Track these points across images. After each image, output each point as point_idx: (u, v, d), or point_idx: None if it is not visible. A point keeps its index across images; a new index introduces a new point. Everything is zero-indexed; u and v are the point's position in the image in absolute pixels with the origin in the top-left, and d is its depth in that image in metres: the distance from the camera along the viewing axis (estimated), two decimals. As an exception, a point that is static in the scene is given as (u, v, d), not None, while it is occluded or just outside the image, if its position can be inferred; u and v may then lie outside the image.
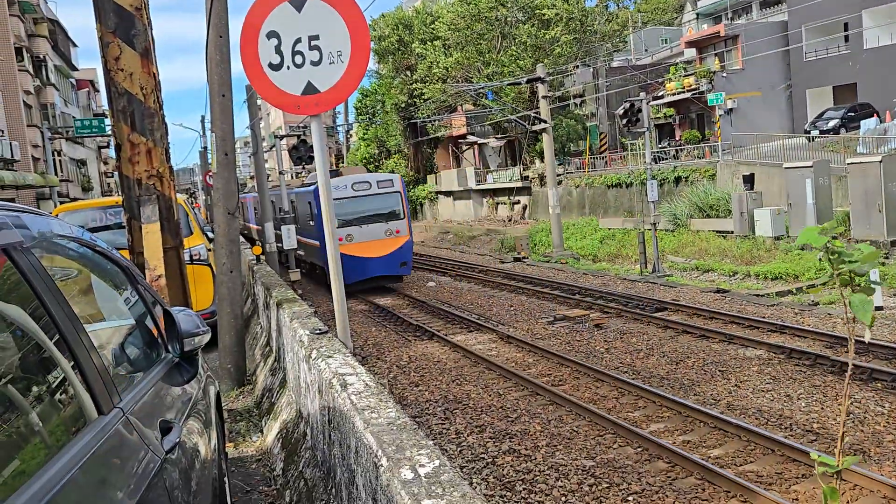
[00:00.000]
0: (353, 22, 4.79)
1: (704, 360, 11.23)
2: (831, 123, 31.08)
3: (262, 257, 16.82)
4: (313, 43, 4.73)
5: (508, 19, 37.46)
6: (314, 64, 4.74)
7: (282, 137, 28.79)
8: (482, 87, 36.50)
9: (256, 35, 4.74)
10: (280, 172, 24.56)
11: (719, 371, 10.66)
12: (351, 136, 69.37)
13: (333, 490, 3.53)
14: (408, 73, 46.18)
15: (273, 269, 15.67)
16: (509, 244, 31.40)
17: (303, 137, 25.11)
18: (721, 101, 32.36)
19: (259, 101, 23.63)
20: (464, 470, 7.95)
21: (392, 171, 52.04)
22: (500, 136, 44.06)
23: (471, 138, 47.13)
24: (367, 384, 3.38)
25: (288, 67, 4.76)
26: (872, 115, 30.04)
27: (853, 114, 31.24)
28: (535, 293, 18.55)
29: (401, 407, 3.09)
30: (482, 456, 8.29)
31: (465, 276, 22.86)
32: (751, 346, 11.72)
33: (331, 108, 5.11)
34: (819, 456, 2.12)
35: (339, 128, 72.43)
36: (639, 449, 8.06)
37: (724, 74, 37.12)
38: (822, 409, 8.81)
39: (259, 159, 21.09)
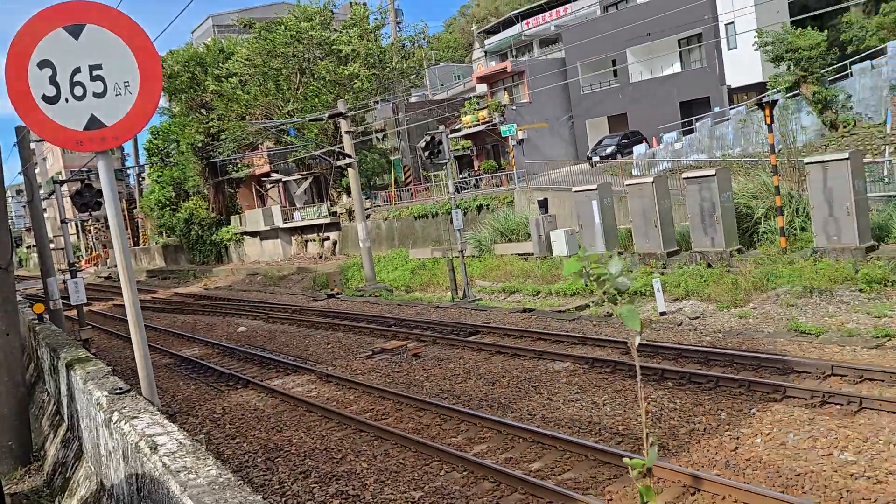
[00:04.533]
0: (139, 49, 4.45)
1: (518, 378, 11.73)
2: (609, 150, 34.28)
3: (46, 316, 15.11)
4: (95, 73, 4.33)
5: (306, 56, 37.36)
6: (98, 96, 4.34)
7: (62, 183, 26.28)
8: (283, 124, 35.94)
9: (26, 65, 4.25)
10: (62, 221, 22.36)
11: (532, 386, 11.18)
12: (143, 179, 65.07)
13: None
14: (203, 111, 44.30)
15: (60, 327, 14.14)
16: (322, 281, 30.97)
17: (87, 181, 23.07)
18: (513, 133, 34.49)
19: (33, 144, 21.37)
20: (291, 520, 7.60)
21: (191, 214, 49.46)
22: (305, 172, 43.55)
23: (275, 176, 46.11)
24: (180, 443, 3.10)
25: (66, 100, 4.31)
26: (642, 142, 33.59)
27: (626, 140, 34.73)
28: (351, 329, 18.39)
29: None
30: (308, 503, 7.98)
31: (279, 318, 22.15)
32: (558, 359, 12.43)
33: (120, 143, 4.71)
34: (630, 459, 2.25)
35: (129, 171, 67.68)
36: (465, 472, 8.19)
37: (514, 107, 39.68)
38: (625, 411, 9.53)
39: (36, 208, 19.05)
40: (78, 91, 4.32)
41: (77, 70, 4.32)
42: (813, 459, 7.33)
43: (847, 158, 14.87)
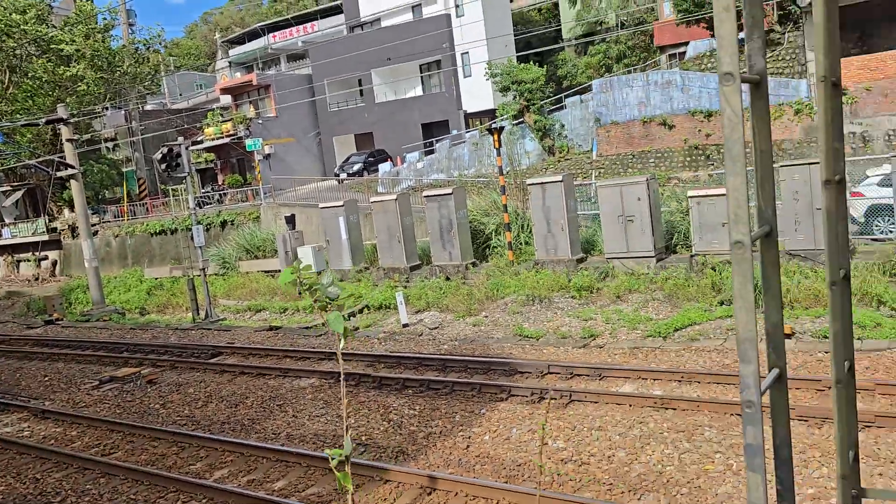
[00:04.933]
0: None
1: (263, 397, 11.49)
2: (356, 167, 35.05)
3: None
4: None
5: (17, 52, 33.16)
6: None
7: None
8: (-11, 128, 31.48)
9: None
10: None
11: (277, 405, 11.02)
12: None
13: None
14: None
15: None
16: (39, 306, 27.53)
17: None
18: (259, 147, 33.77)
19: None
20: (-5, 578, 6.68)
21: None
22: (16, 183, 38.48)
23: (-22, 187, 40.12)
24: None
25: None
26: (387, 160, 34.83)
27: (372, 158, 35.79)
28: (75, 357, 16.61)
29: None
30: (19, 555, 7.08)
31: (-17, 349, 19.27)
32: (304, 375, 12.40)
33: None
34: (331, 450, 2.41)
35: None
36: (204, 500, 7.83)
37: (260, 121, 38.89)
38: (369, 422, 9.79)
39: None
40: None
41: None
42: (532, 450, 8.16)
43: (561, 181, 16.81)
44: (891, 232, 14.82)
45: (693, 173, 23.99)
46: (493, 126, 19.35)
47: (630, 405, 9.04)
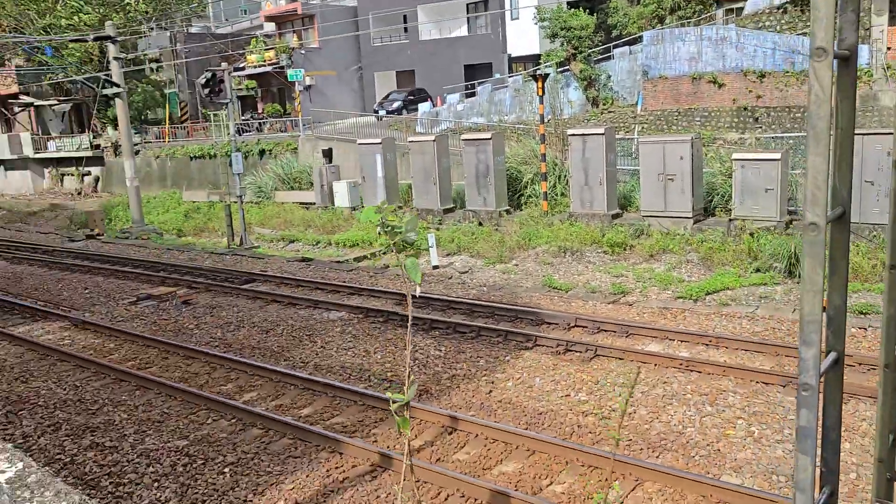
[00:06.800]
0: None
1: (293, 327, 11.76)
2: (395, 105, 34.77)
3: None
4: None
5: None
6: None
7: None
8: (39, 41, 31.72)
9: None
10: None
11: (307, 335, 11.28)
12: None
13: None
14: (-68, 13, 37.61)
15: None
16: (81, 220, 28.23)
17: None
18: (300, 78, 33.62)
19: None
20: (36, 476, 7.06)
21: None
22: (63, 98, 38.95)
23: (25, 99, 40.67)
24: None
25: None
26: (427, 100, 34.48)
27: (412, 97, 35.42)
28: (114, 273, 17.09)
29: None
30: (58, 457, 7.47)
31: (26, 259, 19.90)
32: (334, 308, 12.63)
33: None
34: (392, 394, 2.48)
35: None
36: (233, 420, 8.13)
37: (303, 52, 38.58)
38: (395, 359, 10.00)
39: None
40: None
41: None
42: (554, 400, 8.29)
43: (602, 134, 16.55)
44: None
45: (740, 135, 23.41)
46: (538, 73, 18.99)
47: (655, 364, 9.09)
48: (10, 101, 42.43)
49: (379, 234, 2.57)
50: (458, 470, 6.72)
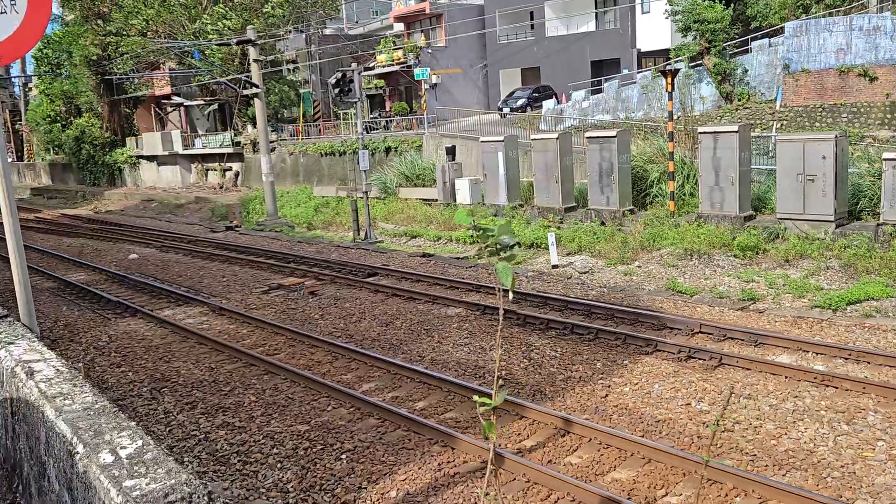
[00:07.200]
0: (26, -34, 4.21)
1: (412, 321, 12.03)
2: (519, 102, 34.69)
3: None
4: (-23, -14, 4.08)
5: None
6: (-20, 11, 4.09)
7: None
8: (188, 46, 34.16)
9: None
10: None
11: (424, 330, 11.51)
12: (30, 89, 60.49)
13: (20, 487, 3.21)
14: (100, 22, 41.36)
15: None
16: (221, 213, 30.17)
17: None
18: (426, 76, 34.26)
19: None
20: (174, 449, 7.64)
21: (83, 132, 46.55)
22: (208, 98, 41.74)
23: (176, 99, 43.96)
24: (58, 370, 3.12)
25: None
26: (552, 97, 34.15)
27: (537, 94, 35.21)
28: (249, 262, 18.15)
29: (99, 391, 2.92)
30: (194, 433, 8.04)
31: (173, 248, 21.54)
32: (452, 304, 12.80)
33: (4, 63, 4.47)
34: (478, 398, 2.50)
35: (14, 80, 62.65)
36: (351, 409, 8.44)
37: (430, 50, 39.29)
38: (510, 357, 10.01)
39: None
40: (-41, 4, 4.06)
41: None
42: (673, 408, 8.01)
43: (736, 131, 15.75)
44: None
45: (893, 133, 21.55)
46: (667, 68, 18.33)
47: (786, 377, 8.57)
48: (163, 101, 45.98)
49: (472, 237, 2.59)
50: (569, 473, 6.64)
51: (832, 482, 6.28)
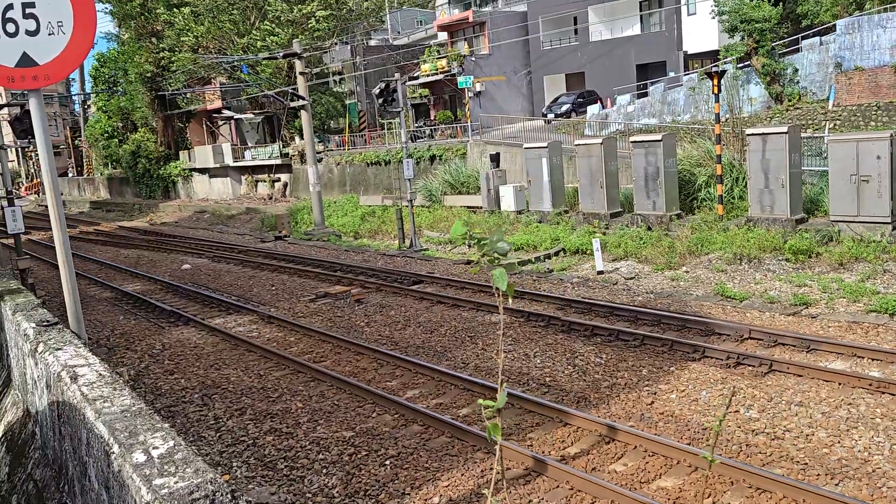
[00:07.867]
0: (73, -9, 4.40)
1: (456, 328, 12.05)
2: (564, 108, 34.47)
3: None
4: (28, 10, 4.27)
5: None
6: (30, 34, 4.29)
7: (0, 107, 25.28)
8: (237, 60, 35.00)
9: (-45, -4, 4.16)
10: (0, 147, 21.59)
11: (468, 336, 11.51)
12: (89, 106, 62.77)
13: (66, 487, 3.34)
14: (154, 40, 42.74)
15: (-5, 256, 13.85)
16: (270, 223, 30.75)
17: (27, 107, 22.24)
18: (470, 84, 34.30)
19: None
20: (223, 454, 7.81)
21: (139, 146, 48.06)
22: (257, 111, 42.67)
23: (226, 112, 45.04)
24: (100, 374, 3.23)
25: (-2, 35, 4.25)
26: (597, 102, 33.84)
27: (582, 100, 34.93)
28: (296, 272, 18.45)
29: (152, 396, 3.02)
30: (242, 438, 8.20)
31: (224, 258, 22.04)
32: (496, 311, 12.77)
33: (52, 82, 4.67)
34: (483, 401, 2.52)
35: (74, 97, 65.14)
36: (396, 415, 8.49)
37: (473, 58, 39.37)
38: (554, 364, 9.94)
39: (-28, 131, 18.33)
40: (10, 28, 4.26)
41: (9, 6, 4.25)
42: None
43: (786, 132, 15.37)
44: None
45: (954, 130, 20.70)
46: (713, 70, 18.00)
47: (839, 384, 8.31)
48: (214, 115, 47.14)
49: (469, 247, 2.61)
50: (613, 481, 6.55)
51: (888, 492, 6.06)
